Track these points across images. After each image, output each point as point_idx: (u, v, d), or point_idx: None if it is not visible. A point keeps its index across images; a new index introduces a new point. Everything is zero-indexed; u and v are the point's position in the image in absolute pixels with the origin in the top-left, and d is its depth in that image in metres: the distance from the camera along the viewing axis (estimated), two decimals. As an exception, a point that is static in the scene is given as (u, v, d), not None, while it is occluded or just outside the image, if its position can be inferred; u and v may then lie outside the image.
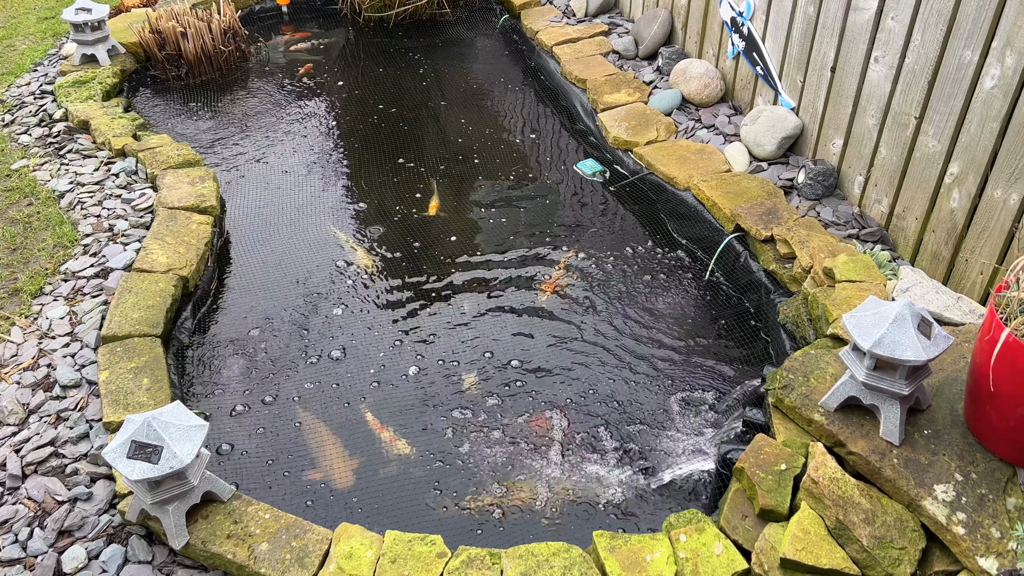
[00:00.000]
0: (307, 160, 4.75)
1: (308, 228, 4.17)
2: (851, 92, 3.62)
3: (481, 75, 5.74)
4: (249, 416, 3.13)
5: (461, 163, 4.70)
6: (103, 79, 5.12)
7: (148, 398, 2.88)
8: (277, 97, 5.42)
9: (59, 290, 3.47)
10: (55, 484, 2.67)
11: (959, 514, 2.20)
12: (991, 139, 2.93)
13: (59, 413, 2.92)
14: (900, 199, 3.44)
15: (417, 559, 2.36)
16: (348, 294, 3.72)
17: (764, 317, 3.48)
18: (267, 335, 3.50)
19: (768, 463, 2.43)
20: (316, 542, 2.42)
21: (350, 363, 3.35)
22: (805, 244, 3.36)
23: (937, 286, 3.07)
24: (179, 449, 2.31)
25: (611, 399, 3.17)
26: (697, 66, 4.62)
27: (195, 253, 3.59)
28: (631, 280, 3.77)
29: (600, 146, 4.70)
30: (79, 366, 3.10)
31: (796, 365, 2.68)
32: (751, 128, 4.10)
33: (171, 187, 3.98)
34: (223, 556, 2.40)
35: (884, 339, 2.25)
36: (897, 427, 2.35)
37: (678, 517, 2.45)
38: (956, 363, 2.63)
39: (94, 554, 2.48)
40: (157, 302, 3.29)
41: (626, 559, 2.30)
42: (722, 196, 3.77)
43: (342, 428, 3.08)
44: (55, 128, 4.66)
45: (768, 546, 2.27)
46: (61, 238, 3.75)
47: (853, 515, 2.25)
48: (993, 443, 2.31)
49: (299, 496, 2.84)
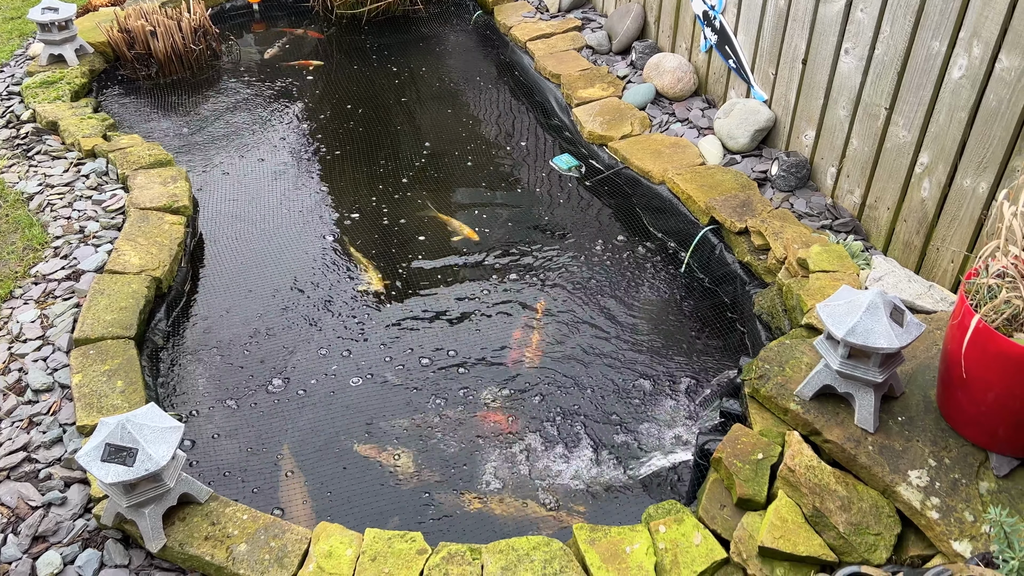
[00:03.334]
0: (280, 159, 4.72)
1: (282, 226, 4.14)
2: (822, 84, 3.65)
3: (455, 71, 5.72)
4: (225, 416, 3.11)
5: (435, 160, 4.69)
6: (71, 79, 5.05)
7: (122, 401, 2.84)
8: (249, 95, 5.37)
9: (30, 293, 3.42)
10: (28, 489, 2.63)
11: (933, 499, 2.23)
12: (960, 129, 2.97)
13: (31, 417, 2.88)
14: (872, 189, 3.47)
15: (397, 556, 2.35)
16: (325, 292, 3.70)
17: (740, 308, 3.50)
18: (243, 335, 3.47)
19: (745, 453, 2.45)
20: (295, 542, 2.41)
21: (329, 362, 3.33)
22: (779, 235, 3.38)
23: (909, 275, 3.10)
24: (154, 451, 2.28)
25: (586, 391, 3.18)
26: (670, 60, 4.64)
27: (168, 254, 3.55)
28: (607, 274, 3.78)
29: (575, 141, 4.70)
30: (51, 369, 3.06)
31: (771, 355, 2.70)
32: (724, 121, 4.13)
33: (143, 187, 3.94)
34: (201, 558, 2.37)
35: (857, 327, 2.27)
36: (871, 414, 2.38)
37: (657, 508, 2.46)
38: (929, 350, 2.66)
39: (70, 559, 2.45)
40: (130, 304, 3.25)
41: (606, 551, 2.31)
42: (697, 189, 3.78)
43: (321, 429, 3.07)
44: (23, 129, 4.59)
45: (746, 535, 2.28)
46: (31, 240, 3.70)
47: (829, 502, 2.27)
48: (965, 428, 2.34)
49: (275, 495, 2.82)
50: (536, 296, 3.65)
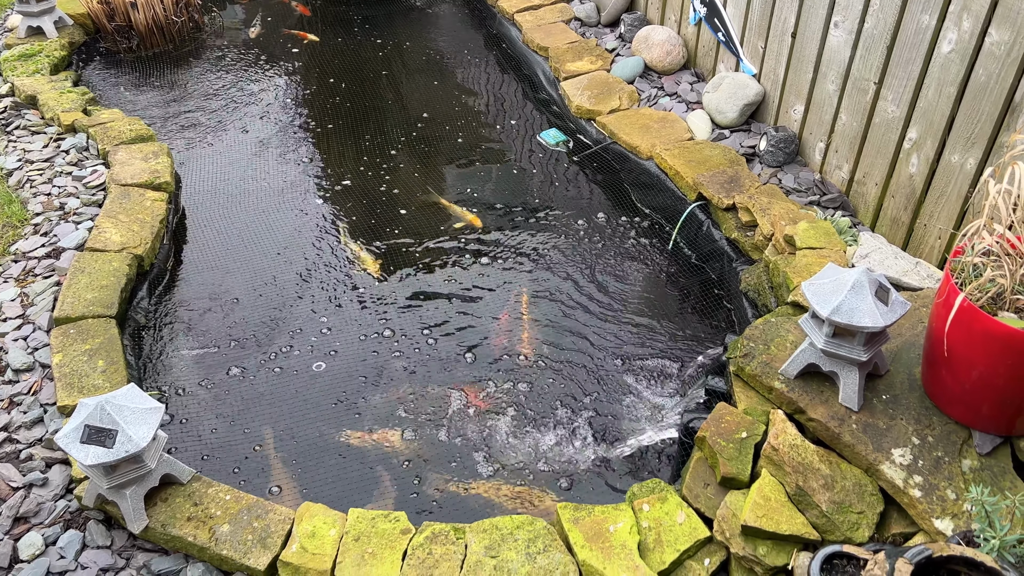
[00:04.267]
0: (264, 133, 4.65)
1: (266, 203, 4.09)
2: (812, 58, 3.61)
3: (442, 44, 5.64)
4: (208, 394, 3.09)
5: (422, 134, 4.63)
6: (50, 52, 4.96)
7: (103, 380, 2.82)
8: (232, 68, 5.29)
9: (9, 271, 3.38)
10: (9, 470, 2.61)
11: (916, 477, 2.23)
12: (948, 104, 2.94)
13: (12, 397, 2.85)
14: (860, 165, 3.45)
15: (381, 536, 2.35)
16: (310, 268, 3.66)
17: (726, 285, 3.48)
18: (226, 313, 3.44)
19: (729, 431, 2.44)
20: (278, 522, 2.40)
21: (313, 338, 3.31)
22: (766, 212, 3.36)
23: (896, 251, 3.09)
24: (134, 432, 2.26)
25: (570, 369, 3.17)
26: (659, 33, 4.58)
27: (150, 231, 3.51)
28: (593, 250, 3.76)
29: (563, 115, 4.65)
30: (31, 349, 3.02)
31: (757, 333, 2.69)
32: (713, 95, 4.08)
33: (124, 163, 3.88)
34: (184, 539, 2.37)
35: (842, 306, 2.25)
36: (856, 393, 2.37)
37: (641, 487, 2.45)
38: (914, 328, 2.66)
39: (51, 540, 2.44)
40: (111, 282, 3.21)
41: (590, 530, 2.30)
42: (684, 165, 3.75)
43: (304, 405, 3.05)
44: (1, 103, 4.50)
45: (729, 514, 2.28)
46: (10, 217, 3.65)
47: (813, 481, 2.27)
48: (949, 406, 2.34)
49: (258, 473, 2.81)
50: (521, 274, 3.62)
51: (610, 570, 2.19)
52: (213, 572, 2.37)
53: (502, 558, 2.25)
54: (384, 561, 2.28)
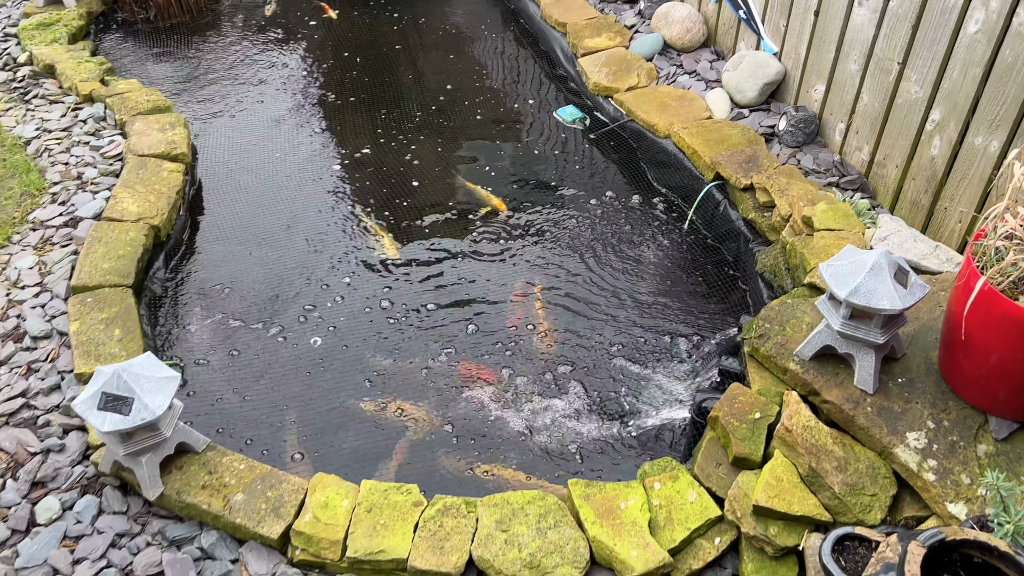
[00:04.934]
0: (281, 106, 4.64)
1: (283, 175, 4.09)
2: (834, 37, 3.56)
3: (459, 18, 5.60)
4: (223, 364, 3.10)
5: (438, 109, 4.61)
6: (69, 21, 4.95)
7: (120, 349, 2.84)
8: (249, 41, 5.28)
9: (27, 239, 3.40)
10: (27, 435, 2.64)
11: (930, 461, 2.22)
12: (973, 85, 2.90)
13: (30, 364, 2.87)
14: (881, 146, 3.41)
15: (393, 508, 2.36)
16: (323, 241, 3.67)
17: (742, 266, 3.46)
18: (241, 285, 3.45)
19: (742, 412, 2.44)
20: (291, 492, 2.42)
21: (325, 313, 3.32)
22: (785, 192, 3.33)
23: (915, 234, 3.06)
24: (150, 401, 2.28)
25: (586, 347, 3.16)
26: (679, 10, 4.53)
27: (166, 202, 3.52)
28: (609, 229, 3.74)
29: (580, 92, 4.62)
30: (49, 317, 3.05)
31: (772, 314, 2.68)
32: (733, 74, 4.04)
33: (141, 134, 3.88)
34: (198, 506, 2.39)
35: (860, 288, 2.24)
36: (871, 375, 2.36)
37: (652, 465, 2.46)
38: (932, 312, 2.64)
39: (68, 505, 2.47)
40: (128, 252, 3.22)
41: (600, 506, 2.31)
42: (702, 143, 3.72)
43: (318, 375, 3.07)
44: (19, 72, 4.51)
45: (741, 493, 2.28)
46: (28, 186, 3.66)
47: (826, 463, 2.27)
48: (965, 391, 2.32)
49: (274, 444, 2.83)
50: (534, 251, 3.61)
51: (620, 547, 2.20)
52: (227, 540, 2.40)
53: (512, 532, 2.26)
54: (396, 532, 2.29)
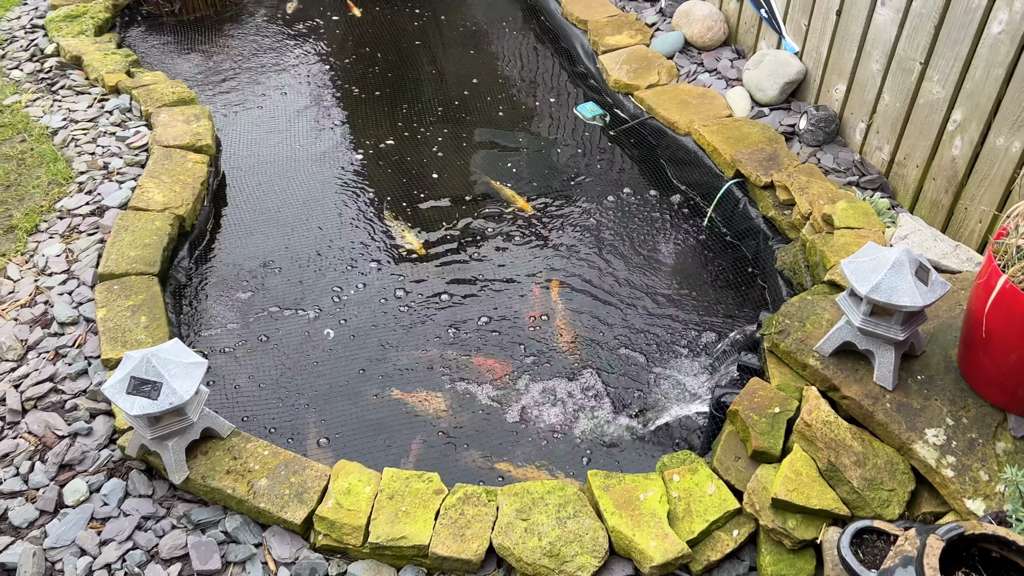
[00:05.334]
0: (303, 100, 4.69)
1: (305, 168, 4.14)
2: (856, 36, 3.57)
3: (480, 15, 5.63)
4: (246, 352, 3.15)
5: (459, 105, 4.65)
6: (95, 14, 5.01)
7: (146, 336, 2.88)
8: (272, 35, 5.32)
9: (55, 227, 3.45)
10: (55, 419, 2.69)
11: (949, 457, 2.24)
12: (996, 86, 2.90)
13: (57, 350, 2.92)
14: (902, 146, 3.41)
15: (414, 495, 2.40)
16: (345, 233, 3.70)
17: (762, 263, 3.48)
18: (264, 275, 3.49)
19: (762, 406, 2.46)
20: (314, 478, 2.46)
21: (347, 304, 3.36)
22: (805, 191, 3.34)
23: (935, 233, 3.07)
24: (178, 385, 2.32)
25: (607, 341, 3.19)
26: (700, 8, 4.54)
27: (191, 192, 3.56)
28: (629, 225, 3.76)
29: (600, 89, 4.64)
30: (76, 303, 3.10)
31: (792, 311, 2.70)
32: (754, 73, 4.05)
33: (166, 125, 3.93)
34: (223, 491, 2.43)
35: (881, 285, 2.25)
36: (891, 372, 2.37)
37: (671, 458, 2.48)
38: (952, 310, 2.65)
39: (95, 487, 2.52)
40: (154, 240, 3.27)
41: (620, 497, 2.34)
42: (723, 141, 3.74)
43: (341, 363, 3.11)
44: (47, 63, 4.57)
45: (760, 487, 2.30)
46: (56, 175, 3.72)
47: (844, 457, 2.28)
48: (985, 388, 2.33)
49: (295, 431, 2.87)
50: (554, 246, 3.64)
51: (639, 537, 2.23)
52: (250, 524, 2.44)
53: (533, 521, 2.29)
54: (417, 519, 2.32)
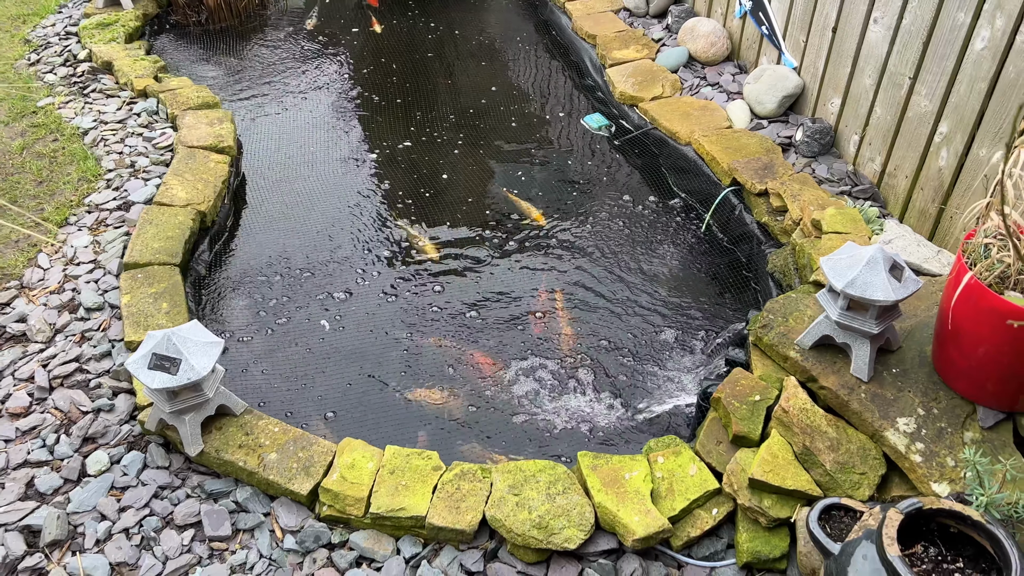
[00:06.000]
0: (321, 107, 4.88)
1: (321, 172, 4.32)
2: (850, 52, 3.72)
3: (494, 29, 5.83)
4: (260, 341, 3.32)
5: (472, 114, 4.83)
6: (126, 22, 5.25)
7: (167, 321, 3.06)
8: (293, 45, 5.54)
9: (83, 221, 3.65)
10: (80, 396, 2.87)
11: (918, 444, 2.36)
12: (979, 99, 3.04)
13: (83, 333, 3.11)
14: (892, 158, 3.55)
15: (414, 471, 2.55)
16: (359, 233, 3.88)
17: (755, 267, 3.62)
18: (280, 270, 3.67)
19: (743, 394, 2.59)
20: (321, 453, 2.61)
21: (358, 294, 3.53)
22: (797, 198, 3.48)
23: (919, 240, 3.20)
24: (196, 362, 2.49)
25: (602, 340, 3.33)
26: (705, 25, 4.71)
27: (212, 190, 3.75)
28: (629, 230, 3.91)
29: (607, 101, 4.81)
30: (102, 291, 3.28)
31: (777, 307, 2.83)
32: (754, 86, 4.21)
33: (190, 127, 4.13)
34: (235, 464, 2.59)
35: (857, 280, 2.39)
36: (867, 364, 2.50)
37: (657, 442, 2.62)
38: (929, 310, 2.77)
39: (116, 459, 2.68)
40: (176, 233, 3.46)
41: (607, 476, 2.47)
42: (721, 151, 3.89)
43: (351, 358, 3.27)
44: (79, 68, 4.80)
45: (738, 468, 2.44)
46: (85, 172, 3.92)
47: (819, 442, 2.41)
48: (956, 381, 2.46)
49: (303, 414, 3.03)
50: (559, 250, 3.79)
51: (623, 513, 2.36)
52: (260, 495, 2.59)
53: (524, 496, 2.43)
54: (416, 493, 2.47)
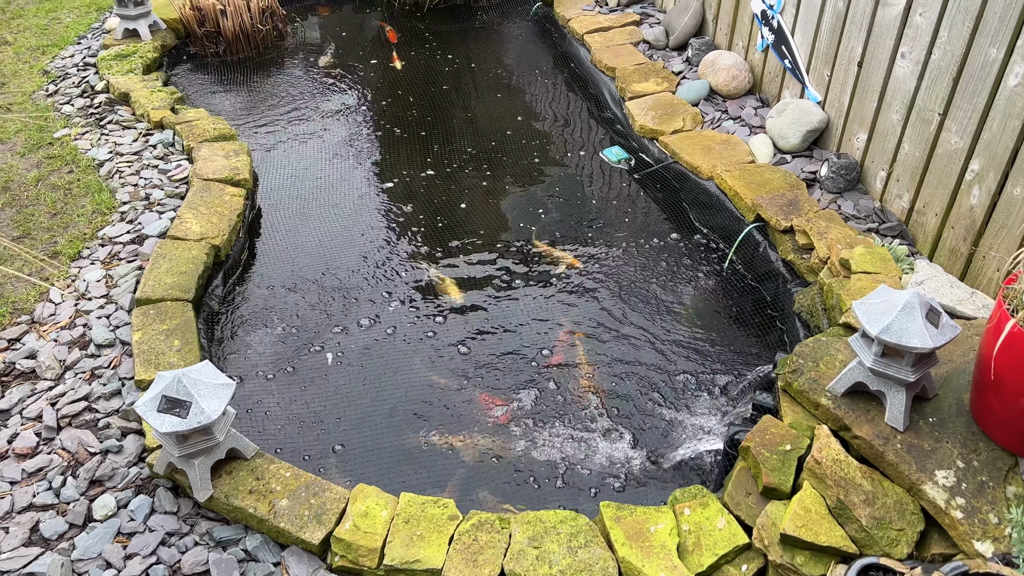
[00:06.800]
0: (338, 138, 4.85)
1: (338, 204, 4.27)
2: (877, 87, 3.64)
3: (513, 61, 5.80)
4: (275, 380, 3.24)
5: (490, 145, 4.78)
6: (144, 53, 5.25)
7: (179, 359, 2.99)
8: (311, 76, 5.53)
9: (96, 254, 3.61)
10: (88, 436, 2.80)
11: (958, 499, 2.25)
12: (1013, 137, 2.96)
13: (93, 370, 3.04)
14: (921, 195, 3.46)
15: (430, 520, 2.45)
16: (376, 269, 3.82)
17: (780, 306, 3.52)
18: (295, 305, 3.61)
19: (773, 443, 2.49)
20: (333, 500, 2.52)
21: (375, 332, 3.45)
22: (824, 235, 3.40)
23: (952, 280, 3.10)
24: (207, 405, 2.41)
25: (627, 381, 3.24)
26: (726, 58, 4.66)
27: (227, 223, 3.71)
28: (651, 266, 3.83)
29: (626, 134, 4.75)
30: (113, 327, 3.23)
31: (806, 351, 2.74)
32: (777, 120, 4.14)
33: (206, 159, 4.10)
34: (245, 510, 2.50)
35: (892, 326, 2.30)
36: (902, 413, 2.40)
37: (683, 492, 2.52)
38: (965, 355, 2.67)
39: (123, 503, 2.60)
40: (189, 268, 3.40)
41: (631, 529, 2.37)
42: (744, 186, 3.81)
43: (366, 392, 3.19)
44: (96, 99, 4.80)
45: (769, 522, 2.33)
46: (100, 205, 3.89)
47: (854, 496, 2.31)
48: (996, 432, 2.35)
49: (318, 458, 2.95)
50: (579, 285, 3.72)
51: (648, 568, 2.26)
52: (270, 543, 2.50)
53: (544, 549, 2.34)
54: (432, 544, 2.38)
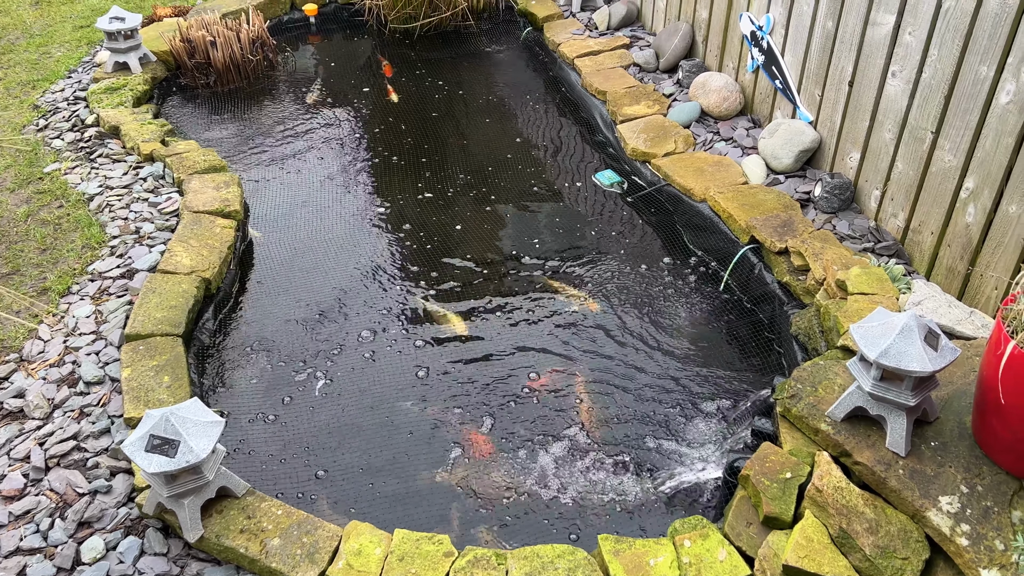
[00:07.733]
0: (330, 167, 4.83)
1: (330, 235, 4.24)
2: (868, 106, 3.63)
3: (504, 86, 5.80)
4: (267, 415, 3.20)
5: (483, 171, 4.76)
6: (134, 86, 5.24)
7: (168, 395, 2.95)
8: (302, 106, 5.52)
9: (86, 289, 3.57)
10: (76, 477, 2.75)
11: (963, 525, 2.21)
12: (1006, 154, 2.94)
13: (82, 408, 3.00)
14: (916, 213, 3.44)
15: (424, 558, 2.40)
16: (369, 300, 3.78)
17: (777, 329, 3.49)
18: (286, 338, 3.57)
19: (773, 471, 2.45)
20: (326, 538, 2.47)
21: (369, 365, 3.41)
22: (819, 256, 3.37)
23: (950, 300, 3.07)
24: (195, 444, 2.37)
25: (619, 406, 3.20)
26: (717, 79, 4.65)
27: (218, 256, 3.67)
28: (645, 290, 3.80)
29: (618, 157, 4.74)
30: (103, 363, 3.18)
31: (805, 375, 2.70)
32: (769, 141, 4.13)
33: (196, 191, 4.07)
34: (236, 550, 2.45)
35: (890, 350, 2.26)
36: (903, 438, 2.36)
37: (683, 523, 2.47)
38: (966, 376, 2.64)
39: (112, 545, 2.55)
40: (180, 303, 3.37)
41: (630, 563, 2.32)
42: (738, 208, 3.79)
43: (363, 429, 3.14)
44: (87, 133, 4.78)
45: (771, 553, 2.28)
46: (89, 239, 3.86)
47: (857, 524, 2.26)
48: (1000, 455, 2.31)
49: (310, 494, 2.90)
50: (574, 311, 3.68)
51: (649, 603, 2.21)
52: (262, 584, 2.45)
53: (542, 585, 2.29)
54: (427, 582, 2.33)
